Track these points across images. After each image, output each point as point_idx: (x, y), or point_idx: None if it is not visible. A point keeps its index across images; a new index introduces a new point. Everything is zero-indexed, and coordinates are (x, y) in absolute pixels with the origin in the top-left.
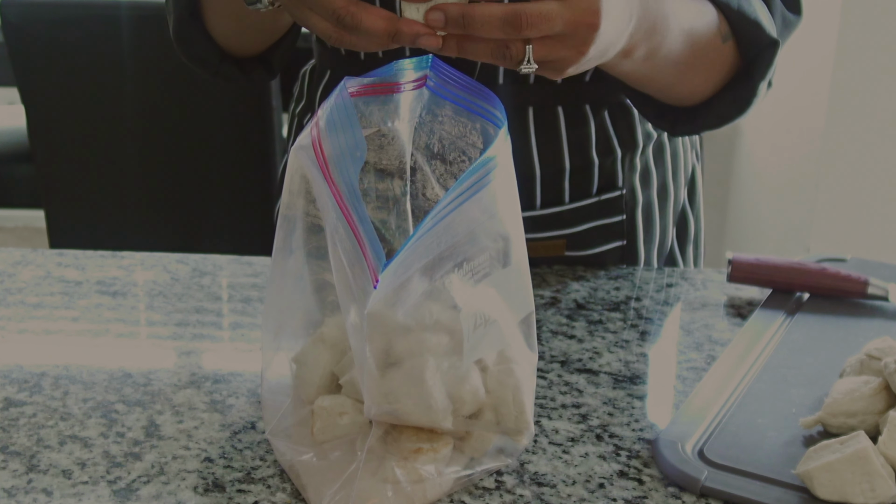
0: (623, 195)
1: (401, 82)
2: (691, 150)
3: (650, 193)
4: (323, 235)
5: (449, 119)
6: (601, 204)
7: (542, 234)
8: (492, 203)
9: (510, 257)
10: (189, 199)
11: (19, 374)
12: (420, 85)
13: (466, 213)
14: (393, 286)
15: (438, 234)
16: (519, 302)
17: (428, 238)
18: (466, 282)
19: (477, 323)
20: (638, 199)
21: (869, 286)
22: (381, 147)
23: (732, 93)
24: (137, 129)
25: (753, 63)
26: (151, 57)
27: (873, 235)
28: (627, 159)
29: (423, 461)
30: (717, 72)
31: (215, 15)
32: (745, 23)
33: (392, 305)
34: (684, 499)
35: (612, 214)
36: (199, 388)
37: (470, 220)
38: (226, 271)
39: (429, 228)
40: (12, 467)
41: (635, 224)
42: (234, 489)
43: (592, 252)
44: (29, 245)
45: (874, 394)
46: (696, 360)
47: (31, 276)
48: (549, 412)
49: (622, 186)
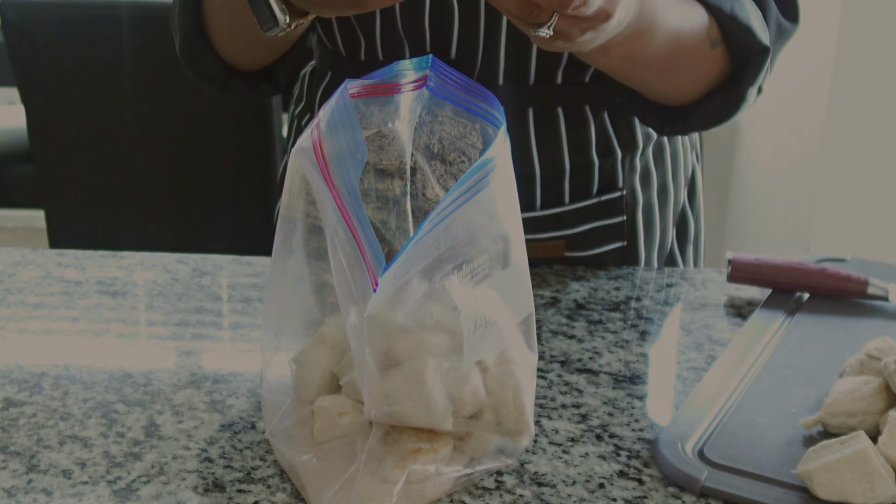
0: (623, 196)
1: (401, 83)
2: (691, 151)
3: (650, 194)
4: (323, 236)
5: (449, 119)
6: (601, 205)
7: (542, 235)
8: (491, 204)
9: (510, 258)
10: (189, 199)
11: (19, 374)
12: (420, 85)
13: (466, 215)
14: (393, 288)
15: (438, 236)
16: (519, 303)
17: (427, 240)
18: (466, 283)
19: (477, 324)
20: (638, 200)
21: (869, 286)
22: (382, 148)
23: (721, 96)
24: (137, 129)
25: (743, 68)
26: (151, 57)
27: (873, 235)
28: (627, 160)
29: (423, 461)
30: (703, 75)
31: (222, 33)
32: (737, 28)
33: (392, 307)
34: (684, 499)
35: (612, 215)
36: (199, 388)
37: (469, 222)
38: (226, 271)
39: (428, 231)
40: (12, 467)
41: (635, 225)
42: (234, 489)
43: (592, 253)
44: (29, 245)
45: (874, 394)
46: (696, 360)
47: (31, 276)
48: (549, 412)
49: (622, 187)
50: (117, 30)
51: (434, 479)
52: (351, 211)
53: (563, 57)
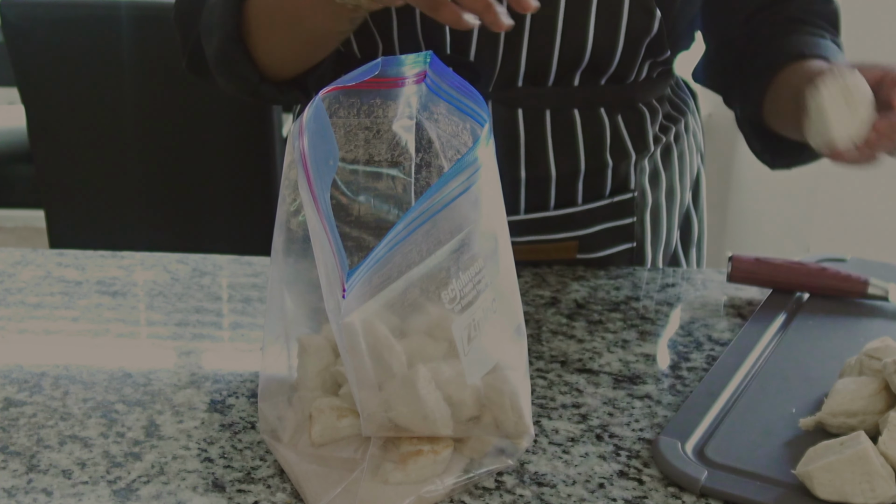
0: (634, 197)
1: (403, 77)
2: (696, 153)
3: (658, 195)
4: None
5: (443, 117)
6: (613, 206)
7: (555, 236)
8: (478, 204)
9: (498, 261)
10: (189, 199)
11: (19, 374)
12: (420, 80)
13: (453, 215)
14: (373, 294)
15: (417, 241)
16: (510, 307)
17: (407, 245)
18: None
19: (471, 335)
20: (647, 201)
21: (869, 286)
22: (367, 141)
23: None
24: (137, 128)
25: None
26: (151, 57)
27: (873, 235)
28: (639, 161)
29: (423, 463)
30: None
31: (267, 34)
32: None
33: (372, 315)
34: (684, 499)
35: (623, 216)
36: (199, 388)
37: (456, 224)
38: (226, 271)
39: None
40: (12, 467)
41: (644, 226)
42: (234, 489)
43: (603, 254)
44: (29, 245)
45: (874, 394)
46: (696, 360)
47: (31, 276)
48: (549, 412)
49: (634, 189)
50: (117, 30)
51: (434, 481)
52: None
53: (583, 58)
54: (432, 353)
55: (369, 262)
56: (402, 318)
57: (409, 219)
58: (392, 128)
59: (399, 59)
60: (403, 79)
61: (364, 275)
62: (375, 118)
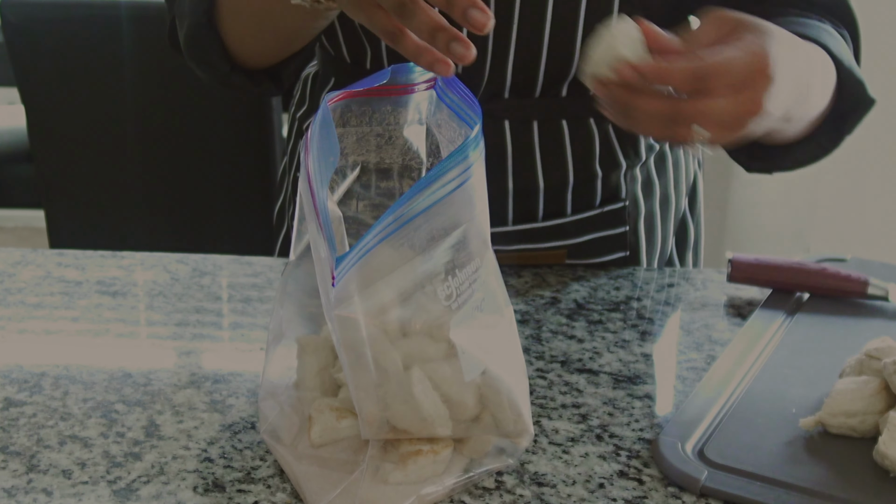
0: (626, 207)
1: (413, 84)
2: (693, 158)
3: (652, 203)
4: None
5: (445, 124)
6: (604, 215)
7: (543, 245)
8: (470, 204)
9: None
10: (189, 199)
11: (19, 374)
12: (431, 86)
13: (448, 209)
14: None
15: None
16: (501, 304)
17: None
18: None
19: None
20: (640, 210)
21: (869, 286)
22: (380, 147)
23: (816, 142)
24: (137, 128)
25: (847, 117)
26: (151, 57)
27: (873, 235)
28: (629, 171)
29: (423, 463)
30: (813, 123)
31: (239, 20)
32: (852, 81)
33: (365, 310)
34: (684, 499)
35: (615, 226)
36: (199, 388)
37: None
38: (226, 271)
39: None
40: (12, 467)
41: (638, 235)
42: (234, 489)
43: (595, 262)
44: (29, 245)
45: (874, 394)
46: (696, 360)
47: (31, 276)
48: (549, 412)
49: (625, 198)
50: (117, 30)
51: (434, 481)
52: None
53: (570, 71)
54: (432, 354)
55: (359, 251)
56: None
57: (398, 212)
58: (403, 133)
59: (409, 67)
60: (414, 85)
61: (354, 263)
62: (387, 125)
